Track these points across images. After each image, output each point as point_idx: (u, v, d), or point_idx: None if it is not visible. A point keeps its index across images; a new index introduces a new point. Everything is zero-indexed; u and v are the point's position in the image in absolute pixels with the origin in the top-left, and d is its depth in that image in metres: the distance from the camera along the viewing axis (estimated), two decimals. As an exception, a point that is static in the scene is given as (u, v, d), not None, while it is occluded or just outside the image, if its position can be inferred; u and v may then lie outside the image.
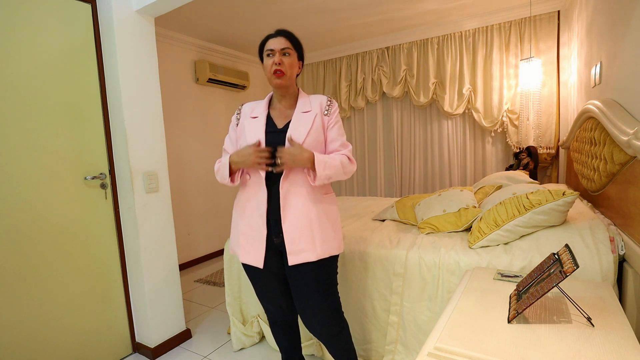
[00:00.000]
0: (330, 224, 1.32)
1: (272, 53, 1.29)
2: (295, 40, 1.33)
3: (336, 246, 1.34)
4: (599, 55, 1.85)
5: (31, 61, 1.61)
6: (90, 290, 1.82)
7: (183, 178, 3.50)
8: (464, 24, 3.29)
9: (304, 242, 1.26)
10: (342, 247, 1.38)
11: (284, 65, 1.27)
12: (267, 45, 1.31)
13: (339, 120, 1.37)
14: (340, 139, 1.35)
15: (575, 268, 0.81)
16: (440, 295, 1.49)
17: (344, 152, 1.33)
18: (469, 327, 0.87)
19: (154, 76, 1.98)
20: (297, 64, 1.34)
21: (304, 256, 1.26)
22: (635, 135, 1.16)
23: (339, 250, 1.35)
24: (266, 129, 1.31)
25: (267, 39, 1.33)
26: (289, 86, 1.33)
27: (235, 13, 2.95)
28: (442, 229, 1.79)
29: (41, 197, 1.64)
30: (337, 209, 1.40)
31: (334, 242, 1.32)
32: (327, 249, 1.29)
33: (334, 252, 1.32)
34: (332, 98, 1.38)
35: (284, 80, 1.28)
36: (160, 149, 2.01)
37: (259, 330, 2.00)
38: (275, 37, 1.30)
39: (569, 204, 1.43)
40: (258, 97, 4.45)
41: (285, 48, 1.28)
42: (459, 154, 3.56)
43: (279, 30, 1.32)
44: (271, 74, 1.29)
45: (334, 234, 1.33)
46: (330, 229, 1.32)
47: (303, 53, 1.38)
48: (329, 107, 1.35)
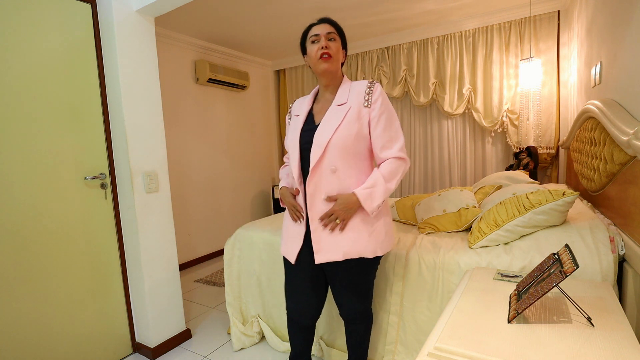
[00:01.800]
0: (365, 225, 1.25)
1: (317, 39, 1.25)
2: (339, 27, 1.30)
3: (370, 249, 1.25)
4: (599, 55, 1.85)
5: (31, 61, 1.61)
6: (90, 290, 1.82)
7: (183, 178, 3.50)
8: (464, 24, 3.29)
9: (329, 242, 1.23)
10: (381, 249, 1.28)
11: (330, 49, 1.23)
12: (311, 32, 1.28)
13: (385, 109, 1.24)
14: (385, 136, 1.23)
15: (575, 268, 0.81)
16: (440, 295, 1.49)
17: (392, 154, 1.23)
18: (469, 327, 0.87)
19: (154, 76, 1.98)
20: (342, 51, 1.30)
21: (329, 255, 1.24)
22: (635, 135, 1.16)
23: (373, 253, 1.26)
24: (303, 126, 1.30)
25: (311, 27, 1.29)
26: (335, 72, 1.27)
27: (235, 13, 2.95)
28: (442, 229, 1.79)
29: (41, 197, 1.64)
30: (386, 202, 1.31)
31: (368, 245, 1.25)
32: (358, 251, 1.24)
33: (365, 254, 1.25)
34: (375, 81, 1.27)
35: (331, 64, 1.24)
36: (160, 149, 2.01)
37: (259, 330, 2.00)
38: (319, 24, 1.28)
39: (569, 204, 1.43)
40: (258, 98, 4.45)
41: (330, 32, 1.25)
42: (459, 154, 3.56)
43: (323, 18, 1.30)
44: (317, 59, 1.24)
45: (369, 237, 1.25)
46: (364, 230, 1.25)
47: (346, 41, 1.34)
48: (369, 96, 1.23)
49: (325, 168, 1.22)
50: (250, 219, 4.34)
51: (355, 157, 1.24)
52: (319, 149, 1.21)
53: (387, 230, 1.32)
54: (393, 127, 1.25)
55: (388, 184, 1.21)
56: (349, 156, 1.22)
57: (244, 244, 2.02)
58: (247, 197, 4.30)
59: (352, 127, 1.21)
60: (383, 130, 1.23)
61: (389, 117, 1.24)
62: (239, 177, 4.17)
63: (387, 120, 1.23)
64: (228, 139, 4.02)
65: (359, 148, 1.24)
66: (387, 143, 1.24)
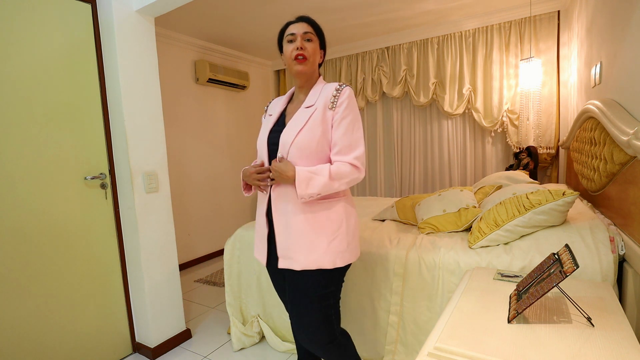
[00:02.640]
0: (325, 234, 1.17)
1: (293, 38, 1.20)
2: (317, 26, 1.25)
3: (328, 259, 1.16)
4: (599, 55, 1.85)
5: (31, 61, 1.61)
6: (91, 290, 1.82)
7: (183, 178, 3.50)
8: (464, 24, 3.29)
9: (291, 248, 1.18)
10: (341, 260, 1.19)
11: (306, 50, 1.19)
12: (287, 31, 1.22)
13: (348, 114, 1.17)
14: (344, 141, 1.16)
15: (575, 268, 0.81)
16: (440, 295, 1.49)
17: (346, 160, 1.16)
18: (469, 327, 0.87)
19: (154, 76, 1.98)
20: (320, 52, 1.26)
21: (289, 263, 1.18)
22: (635, 135, 1.16)
23: (332, 264, 1.17)
24: (273, 127, 1.26)
25: (288, 25, 1.24)
26: (310, 74, 1.23)
27: (235, 13, 2.95)
28: (442, 229, 1.79)
29: (41, 197, 1.64)
30: (339, 216, 1.21)
31: (325, 255, 1.16)
32: (314, 261, 1.16)
33: (324, 265, 1.16)
34: (346, 84, 1.20)
35: (305, 66, 1.20)
36: (160, 149, 2.01)
37: (259, 330, 2.00)
38: (297, 23, 1.22)
39: (569, 204, 1.43)
40: (258, 98, 4.46)
41: (307, 32, 1.20)
42: (459, 154, 3.56)
43: (301, 16, 1.24)
44: (292, 60, 1.19)
45: (327, 246, 1.17)
46: (323, 239, 1.17)
47: (325, 41, 1.28)
48: (335, 98, 1.17)
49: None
50: (250, 219, 4.34)
51: (318, 160, 1.18)
52: (283, 150, 1.18)
53: (349, 239, 1.22)
54: (354, 135, 1.18)
55: (332, 180, 1.13)
56: (311, 158, 1.17)
57: (244, 244, 2.02)
58: (247, 197, 4.30)
59: (315, 129, 1.16)
60: (343, 134, 1.17)
61: (351, 122, 1.18)
62: (239, 177, 4.17)
63: (348, 125, 1.17)
64: (228, 139, 4.02)
65: (322, 151, 1.18)
66: (344, 149, 1.17)
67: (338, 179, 1.14)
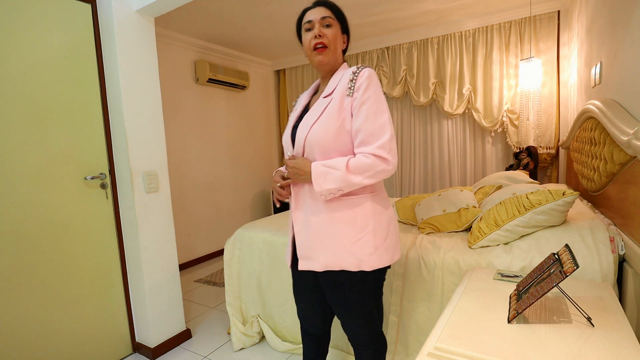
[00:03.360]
0: (350, 234, 1.08)
1: (311, 26, 1.09)
2: (337, 9, 1.14)
3: (352, 261, 1.07)
4: (599, 55, 1.85)
5: (31, 61, 1.61)
6: (90, 290, 1.82)
7: (183, 178, 3.50)
8: (464, 24, 3.29)
9: (309, 248, 1.11)
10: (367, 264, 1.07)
11: (326, 37, 1.08)
12: (305, 18, 1.12)
13: (368, 98, 1.02)
14: (366, 129, 1.02)
15: (575, 268, 0.81)
16: (440, 295, 1.49)
17: (368, 150, 1.02)
18: (468, 327, 0.87)
19: (154, 76, 1.98)
20: (342, 37, 1.14)
21: (310, 263, 1.11)
22: (635, 135, 1.16)
23: (356, 267, 1.07)
24: (295, 122, 1.17)
25: (305, 12, 1.13)
26: (333, 64, 1.12)
27: (235, 13, 2.95)
28: (442, 229, 1.79)
29: (41, 197, 1.64)
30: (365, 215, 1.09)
31: (349, 256, 1.07)
32: (337, 261, 1.07)
33: (347, 266, 1.07)
34: (365, 66, 1.07)
35: (326, 55, 1.09)
36: (160, 149, 2.01)
37: (259, 330, 2.00)
38: (313, 8, 1.11)
39: (569, 204, 1.43)
40: (258, 98, 4.46)
41: (325, 17, 1.09)
42: (459, 154, 3.56)
43: (317, 0, 1.13)
44: (311, 50, 1.09)
45: (351, 246, 1.07)
46: (348, 239, 1.07)
47: (347, 24, 1.17)
48: (353, 83, 1.04)
49: None
50: (250, 219, 4.34)
51: (340, 155, 1.07)
52: (298, 147, 1.10)
53: (379, 241, 1.10)
54: (377, 121, 1.02)
55: (350, 174, 1.01)
56: (330, 155, 1.06)
57: (244, 244, 2.02)
58: (247, 197, 4.30)
59: (332, 121, 1.04)
60: (364, 121, 1.02)
61: (373, 106, 1.02)
62: (239, 177, 4.17)
63: (369, 110, 1.02)
64: (228, 139, 4.02)
65: (342, 145, 1.06)
66: (367, 138, 1.02)
67: (359, 173, 1.01)
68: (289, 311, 1.88)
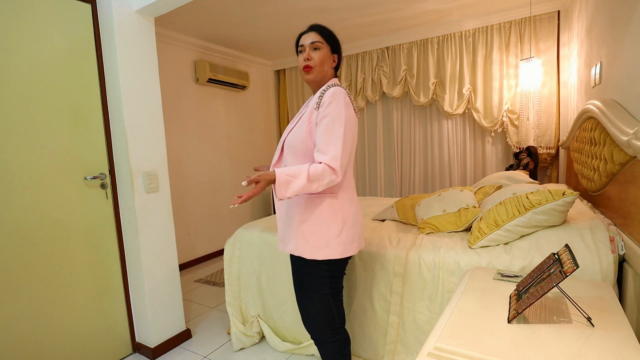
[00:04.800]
0: (310, 225, 1.23)
1: (302, 49, 1.29)
2: (327, 33, 1.30)
3: (308, 251, 1.22)
4: (599, 55, 1.85)
5: (31, 61, 1.61)
6: (90, 290, 1.82)
7: (183, 178, 3.50)
8: (464, 24, 3.29)
9: (283, 232, 1.31)
10: (320, 254, 1.22)
11: (312, 60, 1.26)
12: (300, 41, 1.31)
13: (329, 113, 1.17)
14: (322, 140, 1.17)
15: (575, 268, 0.81)
16: (440, 295, 1.49)
17: (324, 159, 1.15)
18: (469, 327, 0.87)
19: (154, 76, 1.98)
20: (331, 57, 1.31)
21: (283, 246, 1.32)
22: (635, 135, 1.16)
23: (312, 255, 1.22)
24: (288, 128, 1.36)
25: (300, 36, 1.32)
26: (319, 81, 1.30)
27: (235, 13, 2.95)
28: (442, 229, 1.79)
29: (41, 197, 1.64)
30: (324, 211, 1.24)
31: (306, 245, 1.22)
32: (297, 248, 1.25)
33: (304, 254, 1.23)
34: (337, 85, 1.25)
35: (312, 75, 1.27)
36: (160, 149, 2.01)
37: (259, 330, 2.00)
38: (306, 33, 1.30)
39: (569, 204, 1.43)
40: (258, 98, 4.46)
41: (314, 42, 1.26)
42: (459, 154, 3.56)
43: (311, 25, 1.31)
44: (301, 70, 1.29)
45: (309, 236, 1.22)
46: (307, 229, 1.23)
47: (338, 46, 1.33)
48: (320, 99, 1.21)
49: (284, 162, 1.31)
50: (250, 219, 4.34)
51: (305, 157, 1.24)
52: (278, 150, 1.33)
53: (331, 236, 1.23)
54: (333, 134, 1.16)
55: (310, 182, 1.14)
56: (298, 156, 1.25)
57: (244, 244, 2.02)
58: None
59: (301, 128, 1.23)
60: (322, 133, 1.17)
61: (331, 121, 1.16)
62: (239, 177, 4.17)
63: (328, 124, 1.16)
64: (228, 139, 4.02)
65: (308, 149, 1.23)
66: (322, 147, 1.16)
67: (316, 181, 1.15)
68: (289, 311, 1.88)
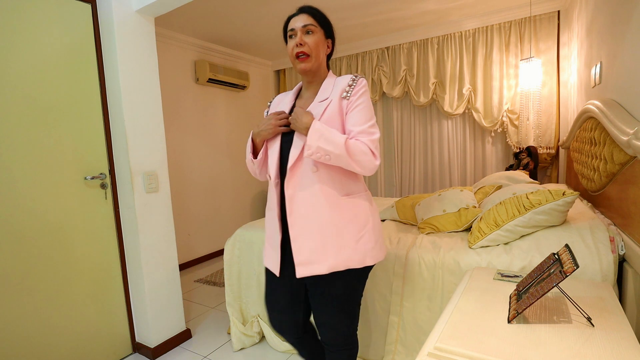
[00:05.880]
0: (353, 232, 1.11)
1: (293, 34, 1.12)
2: (320, 15, 1.15)
3: (357, 258, 1.11)
4: (599, 55, 1.85)
5: (31, 61, 1.61)
6: (90, 290, 1.82)
7: (183, 178, 3.50)
8: (464, 24, 3.29)
9: (313, 252, 1.09)
10: (370, 259, 1.14)
11: (307, 45, 1.10)
12: (288, 26, 1.15)
13: (362, 102, 1.10)
14: (360, 125, 1.08)
15: (575, 268, 0.81)
16: (440, 295, 1.49)
17: (365, 141, 1.06)
18: (469, 327, 0.87)
19: (154, 76, 1.98)
20: (325, 42, 1.16)
21: (313, 268, 1.09)
22: (635, 135, 1.16)
23: (361, 263, 1.12)
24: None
25: (289, 19, 1.16)
26: (315, 71, 1.15)
27: (235, 13, 2.95)
28: (442, 229, 1.79)
29: (41, 197, 1.64)
30: (365, 213, 1.15)
31: (355, 254, 1.11)
32: (344, 261, 1.09)
33: (353, 264, 1.11)
34: (360, 75, 1.14)
35: (308, 63, 1.12)
36: (160, 149, 2.01)
37: (259, 330, 2.00)
38: (296, 15, 1.14)
39: (569, 204, 1.43)
40: (258, 98, 4.45)
41: (307, 25, 1.11)
42: (459, 154, 3.56)
43: (301, 7, 1.16)
44: (294, 58, 1.12)
45: (356, 244, 1.11)
46: (351, 237, 1.11)
47: (332, 30, 1.19)
48: (350, 89, 1.10)
49: (306, 168, 1.10)
50: (250, 219, 4.34)
51: None
52: (296, 148, 1.11)
53: (377, 236, 1.17)
54: (369, 122, 1.10)
55: (346, 147, 1.03)
56: None
57: (243, 244, 2.02)
58: (247, 197, 4.30)
59: (332, 121, 1.09)
60: (360, 117, 1.09)
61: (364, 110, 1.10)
62: (239, 177, 4.17)
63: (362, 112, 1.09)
64: (228, 139, 4.02)
65: None
66: (360, 135, 1.08)
67: (352, 153, 1.04)
68: (289, 311, 1.88)
